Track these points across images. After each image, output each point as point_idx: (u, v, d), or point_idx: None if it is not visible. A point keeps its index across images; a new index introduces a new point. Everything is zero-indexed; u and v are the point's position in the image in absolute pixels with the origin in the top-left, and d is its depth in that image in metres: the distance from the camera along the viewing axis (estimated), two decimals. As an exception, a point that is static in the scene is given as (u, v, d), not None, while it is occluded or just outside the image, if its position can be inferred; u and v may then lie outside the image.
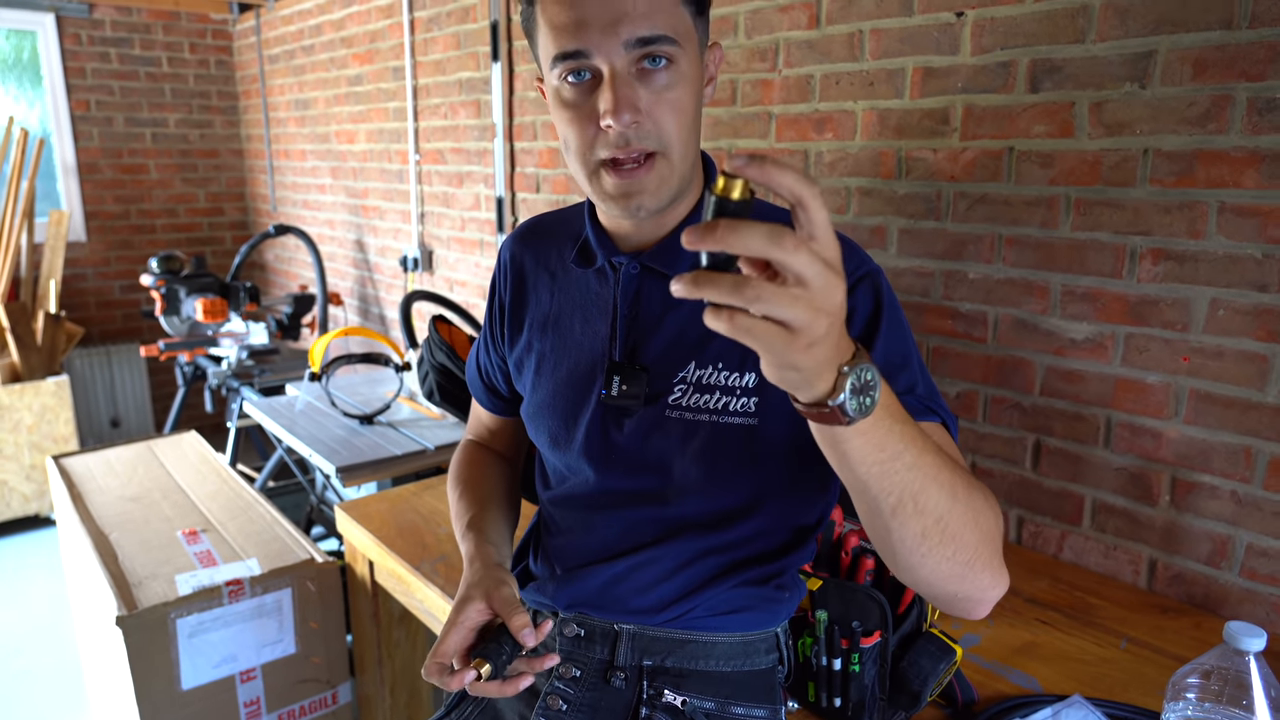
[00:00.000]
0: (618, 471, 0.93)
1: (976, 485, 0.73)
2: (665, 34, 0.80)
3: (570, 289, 1.00)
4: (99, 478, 2.18)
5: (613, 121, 0.79)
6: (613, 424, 0.93)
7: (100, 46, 4.13)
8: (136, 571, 1.71)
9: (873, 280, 0.86)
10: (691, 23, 0.84)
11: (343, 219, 3.73)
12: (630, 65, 0.80)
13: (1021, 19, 1.47)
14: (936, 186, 1.63)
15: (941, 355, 1.67)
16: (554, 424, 0.98)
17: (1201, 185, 1.31)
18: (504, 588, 0.90)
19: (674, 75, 0.82)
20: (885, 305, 0.85)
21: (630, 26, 0.78)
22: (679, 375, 0.90)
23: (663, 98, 0.81)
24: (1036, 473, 1.58)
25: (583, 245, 0.98)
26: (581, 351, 0.96)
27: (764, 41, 1.87)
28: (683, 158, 0.85)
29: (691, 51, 0.84)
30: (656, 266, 0.92)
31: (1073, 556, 1.54)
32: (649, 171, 0.83)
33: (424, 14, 2.94)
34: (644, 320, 0.93)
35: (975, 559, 0.71)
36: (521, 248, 1.07)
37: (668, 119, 0.82)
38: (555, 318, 1.00)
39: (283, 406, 2.38)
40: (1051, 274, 1.49)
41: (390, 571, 1.60)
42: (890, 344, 0.84)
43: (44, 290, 3.70)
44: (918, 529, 0.67)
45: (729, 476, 0.89)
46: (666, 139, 0.82)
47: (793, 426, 0.88)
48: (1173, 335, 1.37)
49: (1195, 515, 1.39)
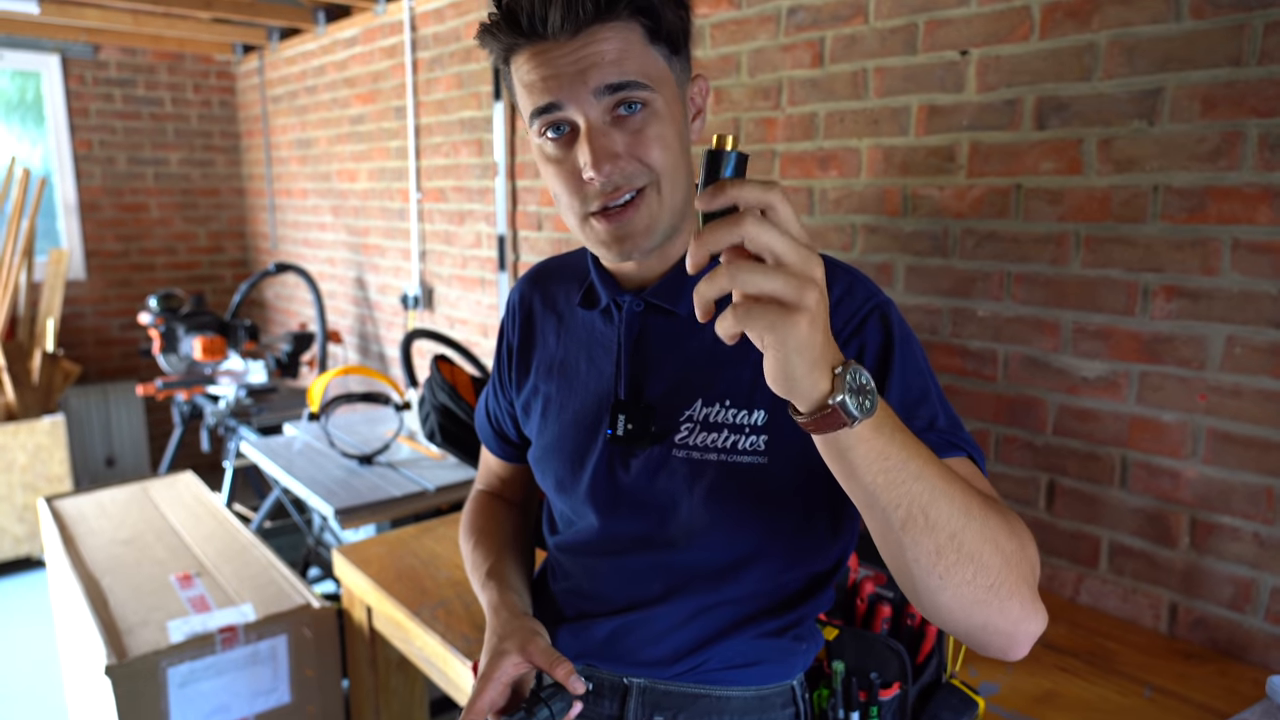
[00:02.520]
0: (625, 514, 0.90)
1: (999, 509, 0.69)
2: (635, 79, 0.79)
3: (577, 331, 0.98)
4: (91, 520, 2.13)
5: (594, 174, 0.79)
6: (619, 464, 0.90)
7: (104, 87, 4.16)
8: (128, 618, 1.66)
9: (882, 312, 0.84)
10: (665, 64, 0.82)
11: (343, 256, 3.72)
12: (605, 114, 0.80)
13: (1026, 57, 1.46)
14: (943, 224, 1.61)
15: (951, 393, 1.65)
16: (560, 466, 0.95)
17: (1214, 221, 1.29)
18: (538, 638, 0.89)
19: (649, 116, 0.81)
20: (897, 337, 0.83)
21: (599, 75, 0.78)
22: (685, 413, 0.88)
23: (642, 136, 0.81)
24: (1050, 514, 1.54)
25: (588, 287, 0.97)
26: (588, 392, 0.94)
27: (767, 80, 1.87)
28: (673, 189, 0.83)
29: (668, 92, 0.82)
30: (660, 303, 0.90)
31: (1090, 600, 1.50)
32: (637, 209, 0.82)
33: (426, 55, 2.96)
34: (648, 357, 0.91)
35: (1000, 584, 0.66)
36: (530, 291, 1.05)
37: (652, 153, 0.81)
38: (562, 361, 0.98)
39: (280, 446, 2.35)
40: (1062, 311, 1.48)
41: (389, 617, 1.55)
42: (907, 377, 0.82)
43: (42, 329, 3.68)
44: (931, 546, 0.64)
45: (738, 519, 0.85)
46: (654, 171, 0.81)
47: (802, 466, 0.84)
48: (1188, 373, 1.35)
49: (1216, 558, 1.35)
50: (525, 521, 1.15)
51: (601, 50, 0.78)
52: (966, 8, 1.53)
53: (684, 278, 0.90)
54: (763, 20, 1.86)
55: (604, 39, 0.78)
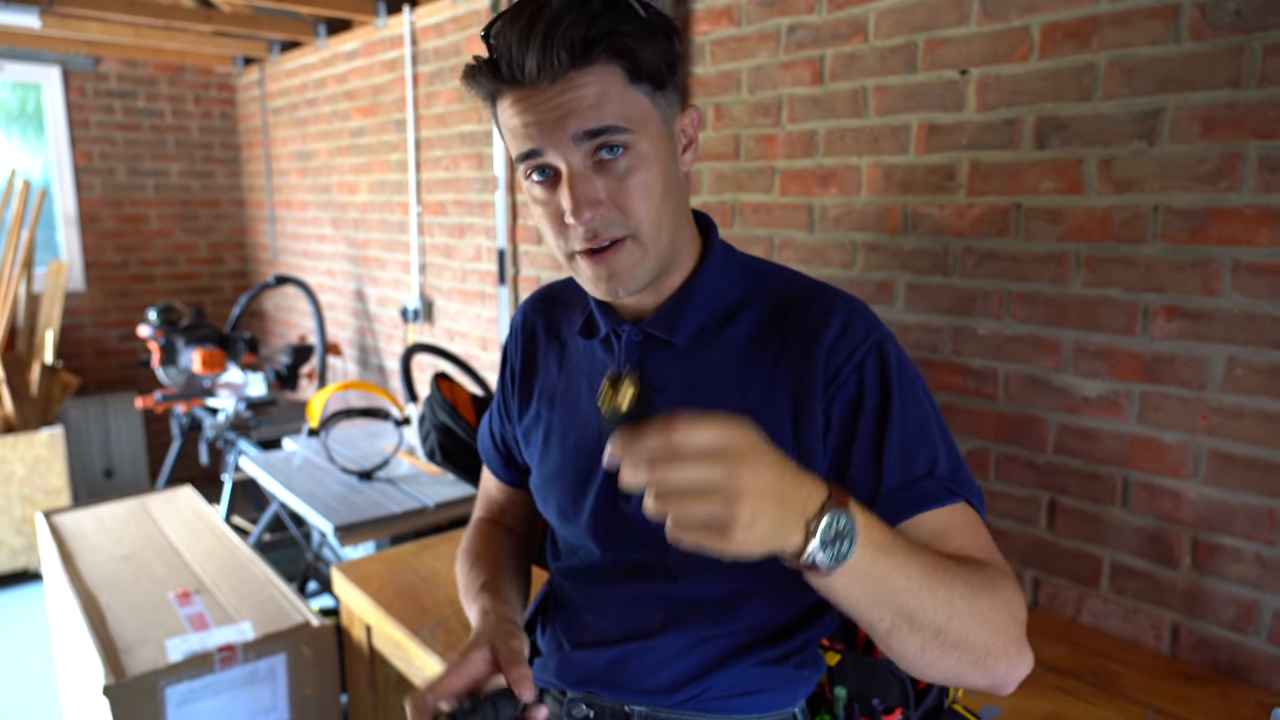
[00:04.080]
0: (625, 544, 0.90)
1: (986, 579, 0.73)
2: (614, 124, 0.78)
3: (578, 360, 0.98)
4: (90, 535, 2.13)
5: (574, 220, 0.79)
6: (621, 495, 0.90)
7: (105, 99, 4.17)
8: (126, 636, 1.65)
9: (879, 351, 0.83)
10: (648, 101, 0.81)
11: (343, 269, 3.72)
12: (585, 159, 0.80)
13: (1026, 77, 1.47)
14: (943, 242, 1.62)
15: (951, 412, 1.65)
16: (563, 495, 0.95)
17: (1214, 242, 1.29)
18: (514, 640, 0.87)
19: (633, 159, 0.80)
20: (895, 378, 0.82)
21: (577, 121, 0.77)
22: None
23: (624, 184, 0.80)
24: (1052, 533, 1.54)
25: (587, 316, 0.97)
26: (590, 421, 0.94)
27: (767, 97, 1.88)
28: (655, 237, 0.83)
29: (651, 130, 0.81)
30: (658, 333, 0.90)
31: (1092, 620, 1.50)
32: (618, 254, 0.82)
33: (427, 69, 2.96)
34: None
35: (986, 656, 0.72)
36: (533, 316, 1.05)
37: (633, 203, 0.80)
38: (564, 389, 0.98)
39: (280, 462, 2.34)
40: (1063, 330, 1.48)
41: (388, 637, 1.55)
42: (907, 420, 0.82)
43: (41, 340, 3.68)
44: (916, 644, 0.70)
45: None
46: (634, 223, 0.81)
47: None
48: (1189, 394, 1.35)
49: (1219, 578, 1.35)
50: (525, 549, 1.14)
51: (580, 95, 0.77)
52: (966, 27, 1.53)
53: (682, 308, 0.90)
54: (763, 38, 1.87)
55: (582, 84, 0.77)
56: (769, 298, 0.90)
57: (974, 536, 0.80)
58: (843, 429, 0.82)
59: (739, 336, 0.89)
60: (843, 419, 0.82)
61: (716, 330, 0.90)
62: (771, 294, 0.90)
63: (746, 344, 0.88)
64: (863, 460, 0.81)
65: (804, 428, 0.83)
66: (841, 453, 0.82)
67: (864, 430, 0.82)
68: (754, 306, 0.89)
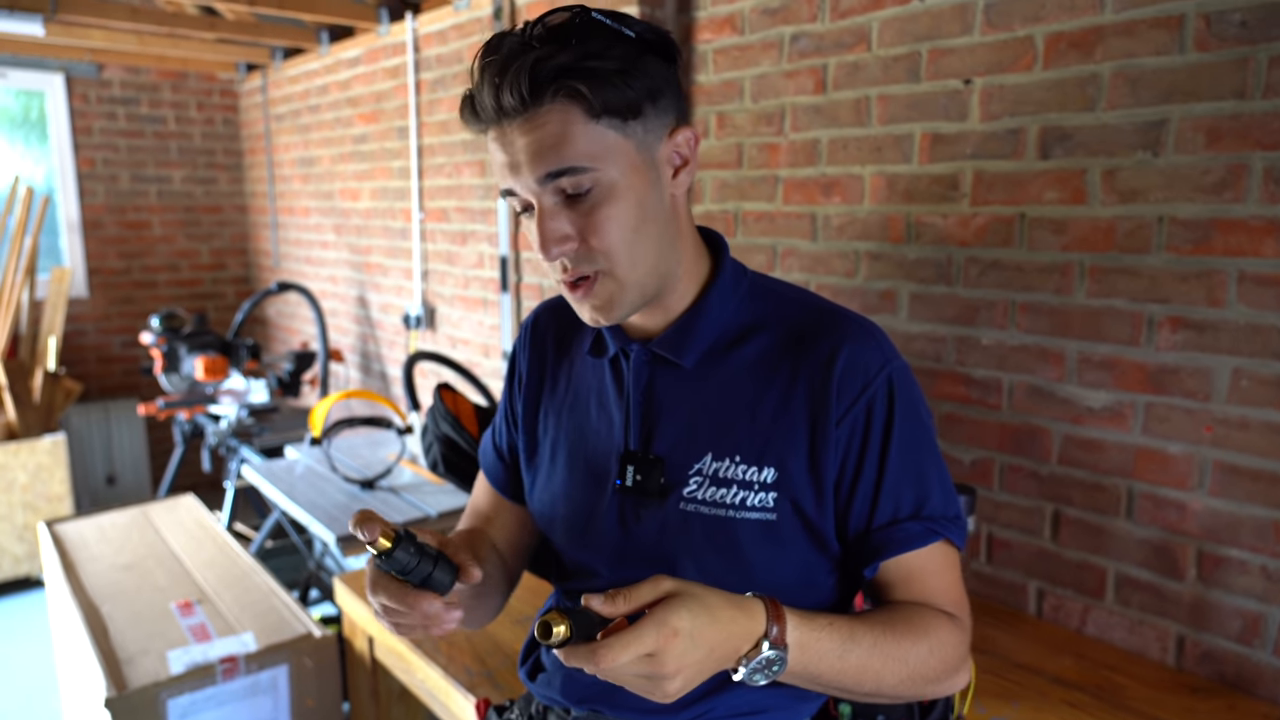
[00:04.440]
0: (632, 565, 0.90)
1: (921, 631, 0.83)
2: (572, 165, 0.78)
3: (587, 377, 0.98)
4: (92, 545, 2.13)
5: (543, 257, 0.81)
6: (630, 516, 0.90)
7: (108, 105, 4.17)
8: (127, 647, 1.65)
9: (889, 385, 0.85)
10: (616, 135, 0.79)
11: (345, 275, 3.72)
12: (553, 196, 0.81)
13: (1030, 87, 1.46)
14: (947, 251, 1.61)
15: (954, 421, 1.64)
16: (569, 514, 0.94)
17: (1220, 253, 1.29)
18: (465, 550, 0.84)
19: (601, 194, 0.80)
20: (898, 416, 0.84)
21: (538, 164, 0.78)
22: (695, 467, 0.87)
23: (592, 219, 0.80)
24: (1056, 543, 1.53)
25: (596, 335, 0.97)
26: (599, 440, 0.93)
27: (770, 106, 1.88)
28: (630, 269, 0.83)
29: (622, 163, 0.80)
30: (665, 354, 0.90)
31: (1096, 631, 1.49)
32: (590, 289, 0.84)
33: (429, 75, 2.96)
34: (656, 409, 0.90)
35: (921, 692, 0.85)
36: (547, 323, 1.04)
37: (603, 238, 0.81)
38: (571, 405, 0.98)
39: (282, 470, 2.34)
40: (1067, 341, 1.47)
41: (390, 648, 1.54)
42: (905, 457, 0.85)
43: (43, 347, 3.68)
44: (856, 697, 0.85)
45: (745, 575, 0.85)
46: (607, 257, 0.82)
47: (810, 521, 0.86)
48: (1194, 405, 1.34)
49: (1224, 591, 1.34)
50: (505, 568, 1.03)
51: (540, 136, 0.78)
52: (970, 37, 1.53)
53: (690, 329, 0.90)
54: (766, 46, 1.87)
55: (542, 123, 0.77)
56: (782, 321, 0.90)
57: (940, 580, 0.87)
58: (850, 464, 0.85)
59: (749, 358, 0.89)
60: (851, 454, 0.85)
61: (726, 351, 0.90)
62: (785, 318, 0.90)
63: (757, 366, 0.88)
64: (863, 498, 0.85)
65: (819, 458, 0.84)
66: (847, 487, 0.85)
67: (868, 469, 0.84)
68: (767, 330, 0.89)
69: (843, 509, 0.86)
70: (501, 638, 1.48)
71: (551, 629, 0.66)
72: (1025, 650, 1.45)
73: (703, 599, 0.71)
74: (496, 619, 1.53)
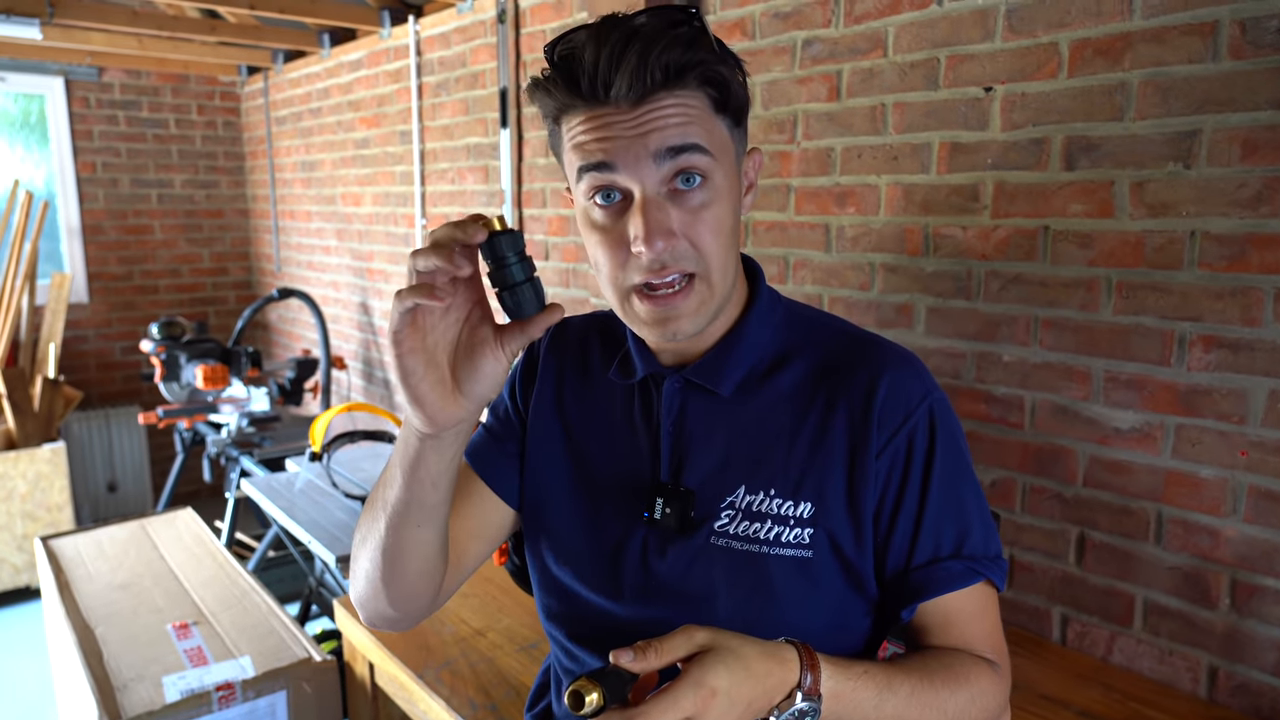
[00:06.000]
0: (656, 604, 0.85)
1: (959, 679, 0.77)
2: (698, 142, 0.74)
3: (611, 401, 0.92)
4: (89, 562, 2.08)
5: (644, 249, 0.73)
6: (654, 551, 0.85)
7: (108, 109, 4.13)
8: (122, 672, 1.60)
9: (930, 417, 0.81)
10: (728, 134, 0.79)
11: (347, 281, 3.68)
12: (661, 185, 0.75)
13: (1054, 95, 1.41)
14: (966, 265, 1.56)
15: (975, 440, 1.59)
16: (588, 548, 0.89)
17: (1255, 270, 1.23)
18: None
19: (709, 192, 0.76)
20: (940, 448, 0.80)
21: (660, 138, 0.73)
22: (727, 500, 0.83)
23: (699, 217, 0.76)
24: (1081, 568, 1.48)
25: (623, 357, 0.91)
26: (622, 469, 0.88)
27: (782, 113, 1.82)
28: (722, 277, 0.79)
29: (728, 164, 0.78)
30: (701, 382, 0.85)
31: (1124, 660, 1.44)
32: (686, 296, 0.77)
33: (432, 79, 2.92)
34: (688, 439, 0.86)
35: None
36: (573, 335, 0.97)
37: (705, 238, 0.76)
38: (591, 431, 0.92)
39: (282, 485, 2.29)
40: (1093, 359, 1.42)
41: (391, 676, 1.50)
42: (946, 493, 0.80)
43: (43, 354, 3.64)
44: None
45: (779, 616, 0.80)
46: (705, 260, 0.77)
47: (849, 557, 0.82)
48: (1228, 428, 1.28)
49: (1259, 621, 1.29)
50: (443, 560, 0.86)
51: (665, 116, 0.73)
52: (991, 43, 1.47)
53: (726, 355, 0.85)
54: (777, 51, 1.81)
55: (669, 105, 0.73)
56: (817, 349, 0.85)
57: (980, 624, 0.83)
58: (890, 498, 0.81)
59: (785, 387, 0.84)
60: (891, 488, 0.80)
61: (761, 380, 0.85)
62: (820, 345, 0.86)
63: (793, 396, 0.84)
64: (903, 534, 0.80)
65: (859, 491, 0.80)
66: (886, 522, 0.81)
67: (908, 503, 0.80)
68: (802, 357, 0.85)
69: (881, 545, 0.82)
70: (507, 668, 1.44)
71: (583, 698, 0.62)
72: (1050, 680, 1.39)
73: (738, 653, 0.67)
74: (500, 647, 1.49)
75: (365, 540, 0.82)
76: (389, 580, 0.81)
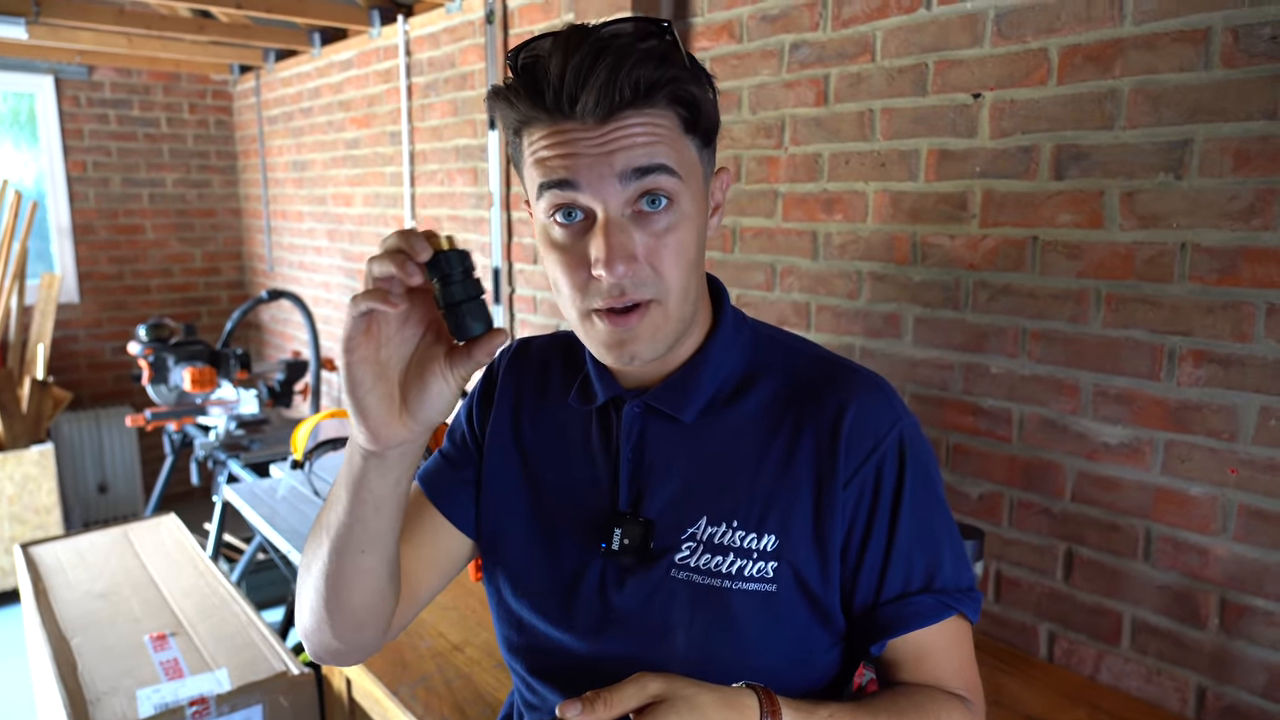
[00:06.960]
0: (615, 639, 0.82)
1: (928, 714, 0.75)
2: (665, 163, 0.71)
3: (569, 427, 0.89)
4: (68, 570, 2.06)
5: (605, 273, 0.71)
6: (613, 583, 0.82)
7: (99, 108, 4.10)
8: (95, 686, 1.58)
9: (899, 443, 0.78)
10: (697, 155, 0.76)
11: (339, 281, 3.65)
12: (626, 207, 0.72)
13: (1044, 102, 1.38)
14: (955, 274, 1.53)
15: (962, 453, 1.56)
16: (546, 580, 0.86)
17: (1247, 284, 1.20)
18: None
19: (675, 216, 0.73)
20: (909, 478, 0.77)
21: (626, 158, 0.70)
22: (688, 531, 0.80)
23: (663, 241, 0.73)
24: (1069, 585, 1.45)
25: (583, 381, 0.88)
26: (580, 497, 0.85)
27: (769, 117, 1.79)
28: (680, 304, 0.76)
29: (695, 186, 0.75)
30: (662, 408, 0.82)
31: (1111, 679, 1.41)
32: (642, 319, 0.74)
33: (421, 80, 2.89)
34: (649, 467, 0.83)
35: None
36: (533, 358, 0.95)
37: (667, 265, 0.73)
38: (548, 458, 0.89)
39: (264, 492, 2.27)
40: (1082, 372, 1.39)
41: (367, 692, 1.47)
42: (916, 525, 0.78)
43: (32, 355, 3.62)
44: None
45: (740, 651, 0.77)
46: (665, 286, 0.74)
47: (815, 591, 0.79)
48: (1219, 444, 1.26)
49: (1248, 641, 1.26)
50: (394, 591, 0.82)
51: (632, 135, 0.70)
52: (979, 49, 1.44)
53: (689, 380, 0.82)
54: (765, 55, 1.78)
55: (635, 125, 0.70)
56: (784, 372, 0.82)
57: (952, 659, 0.80)
58: (858, 530, 0.78)
59: (750, 412, 0.81)
60: (859, 519, 0.78)
61: (725, 404, 0.82)
62: (786, 369, 0.83)
63: (758, 421, 0.81)
64: (871, 568, 0.78)
65: (826, 523, 0.77)
66: (854, 555, 0.78)
67: (877, 535, 0.77)
68: (768, 381, 0.82)
69: (849, 580, 0.79)
70: (484, 684, 1.41)
71: None
72: (1037, 699, 1.37)
73: (693, 702, 0.64)
74: (479, 663, 1.46)
75: (309, 567, 0.79)
76: (333, 609, 0.78)
